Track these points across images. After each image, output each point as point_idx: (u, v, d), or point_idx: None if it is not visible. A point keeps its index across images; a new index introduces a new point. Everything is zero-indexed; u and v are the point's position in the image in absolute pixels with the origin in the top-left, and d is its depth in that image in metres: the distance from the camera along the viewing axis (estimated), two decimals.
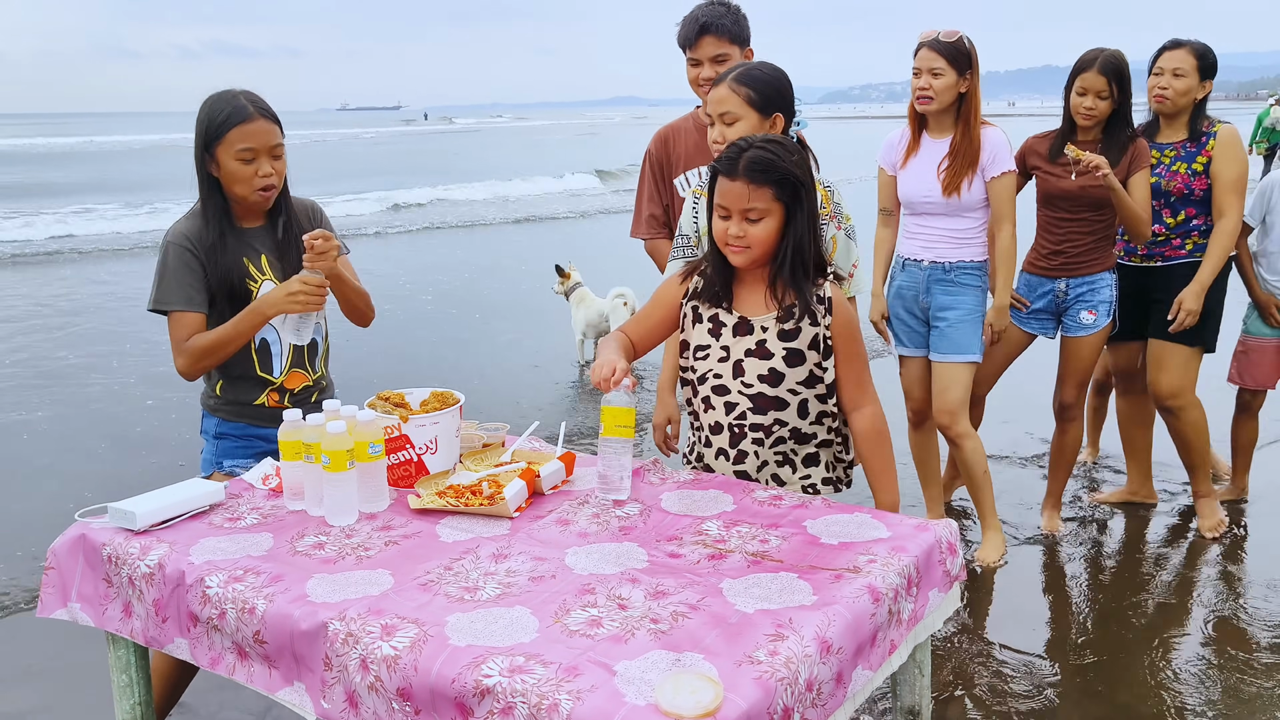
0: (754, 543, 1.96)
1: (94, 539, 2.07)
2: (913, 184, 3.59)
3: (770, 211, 2.16)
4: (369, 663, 1.62)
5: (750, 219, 2.16)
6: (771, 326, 2.25)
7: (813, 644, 1.59)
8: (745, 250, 2.19)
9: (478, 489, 2.19)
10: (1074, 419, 3.96)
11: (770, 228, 2.17)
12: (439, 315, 9.06)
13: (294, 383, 2.66)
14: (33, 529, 4.19)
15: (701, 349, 2.31)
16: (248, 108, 2.46)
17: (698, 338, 2.32)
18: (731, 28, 3.07)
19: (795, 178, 2.15)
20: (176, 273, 2.49)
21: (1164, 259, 3.78)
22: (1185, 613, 3.38)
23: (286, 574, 1.87)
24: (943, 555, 2.01)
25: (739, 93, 2.49)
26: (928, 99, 3.46)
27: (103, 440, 5.60)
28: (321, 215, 2.77)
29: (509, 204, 19.75)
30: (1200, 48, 3.70)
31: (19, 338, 8.08)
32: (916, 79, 3.48)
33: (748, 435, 2.29)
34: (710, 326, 2.30)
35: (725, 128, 2.51)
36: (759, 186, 2.13)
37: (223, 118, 2.45)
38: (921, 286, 3.63)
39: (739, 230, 2.17)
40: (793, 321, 2.23)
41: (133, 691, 2.17)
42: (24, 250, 13.46)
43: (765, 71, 2.53)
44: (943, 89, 3.41)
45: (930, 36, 3.45)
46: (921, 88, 3.46)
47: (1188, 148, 3.71)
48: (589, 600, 1.73)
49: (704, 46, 3.08)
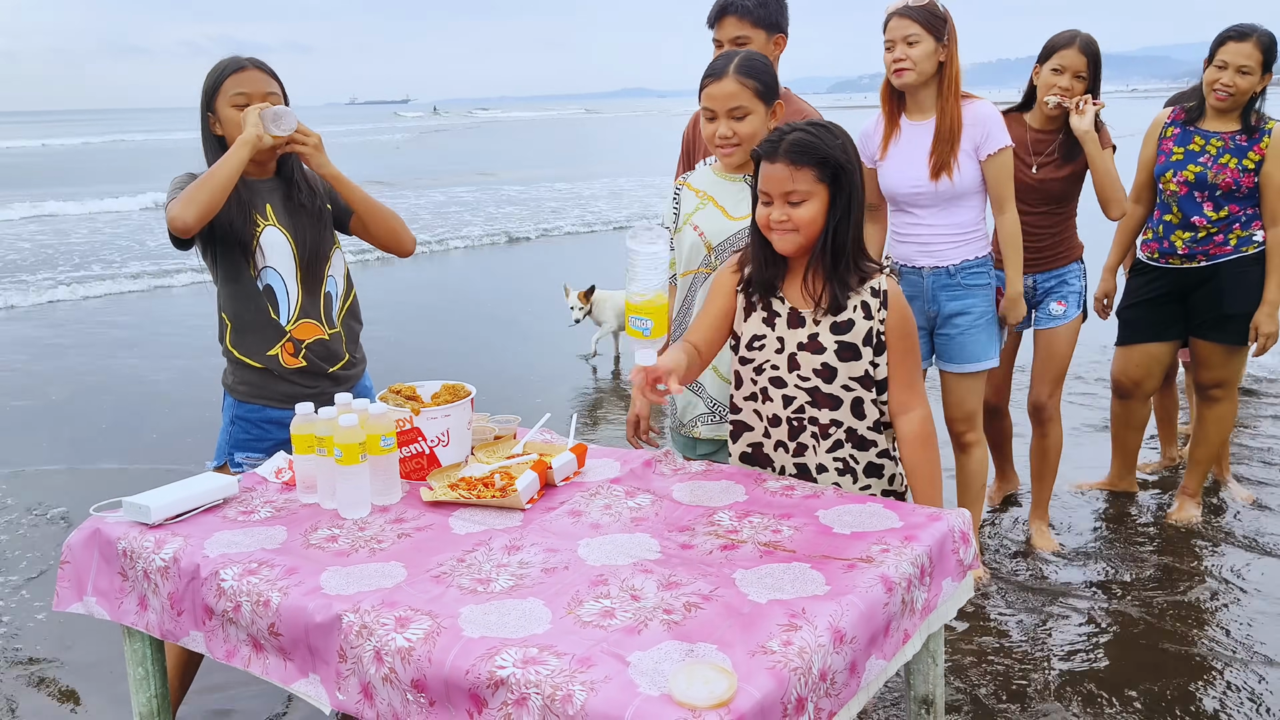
0: (766, 533, 1.96)
1: (109, 533, 2.08)
2: (896, 174, 3.25)
3: (814, 194, 2.12)
4: (383, 654, 1.62)
5: (792, 202, 2.13)
6: (824, 320, 2.20)
7: (826, 634, 1.59)
8: (791, 234, 2.15)
9: (490, 481, 2.20)
10: (1050, 419, 3.76)
11: (815, 210, 2.13)
12: (459, 309, 9.08)
13: (305, 333, 2.63)
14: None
15: (758, 338, 2.27)
16: (241, 58, 2.57)
17: (753, 327, 2.28)
18: (756, 9, 2.94)
19: (837, 160, 2.11)
20: (183, 182, 2.50)
21: (1208, 257, 3.65)
22: (1195, 604, 3.37)
23: (301, 567, 1.87)
24: (956, 544, 2.01)
25: (748, 86, 2.44)
26: (905, 69, 3.11)
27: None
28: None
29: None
30: (1267, 39, 3.50)
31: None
32: (890, 52, 3.14)
33: (806, 428, 2.25)
34: (765, 315, 2.26)
35: (734, 122, 2.47)
36: (800, 168, 2.10)
37: (218, 71, 2.55)
38: (926, 296, 3.30)
39: (781, 214, 2.14)
40: (845, 314, 2.19)
41: (149, 684, 2.19)
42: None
43: (761, 61, 2.50)
44: (921, 58, 3.08)
45: (899, 4, 3.13)
46: (897, 59, 3.12)
47: (1238, 140, 3.57)
48: (602, 591, 1.73)
49: (725, 27, 2.97)
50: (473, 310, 9.02)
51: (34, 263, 12.16)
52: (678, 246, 2.67)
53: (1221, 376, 3.81)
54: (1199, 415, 3.96)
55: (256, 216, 2.58)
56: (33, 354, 7.69)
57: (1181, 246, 3.69)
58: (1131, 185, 3.86)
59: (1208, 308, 3.71)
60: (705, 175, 2.66)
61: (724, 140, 2.50)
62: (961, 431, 3.42)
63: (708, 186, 2.63)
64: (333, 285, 2.71)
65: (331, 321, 2.69)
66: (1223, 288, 3.65)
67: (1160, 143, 3.72)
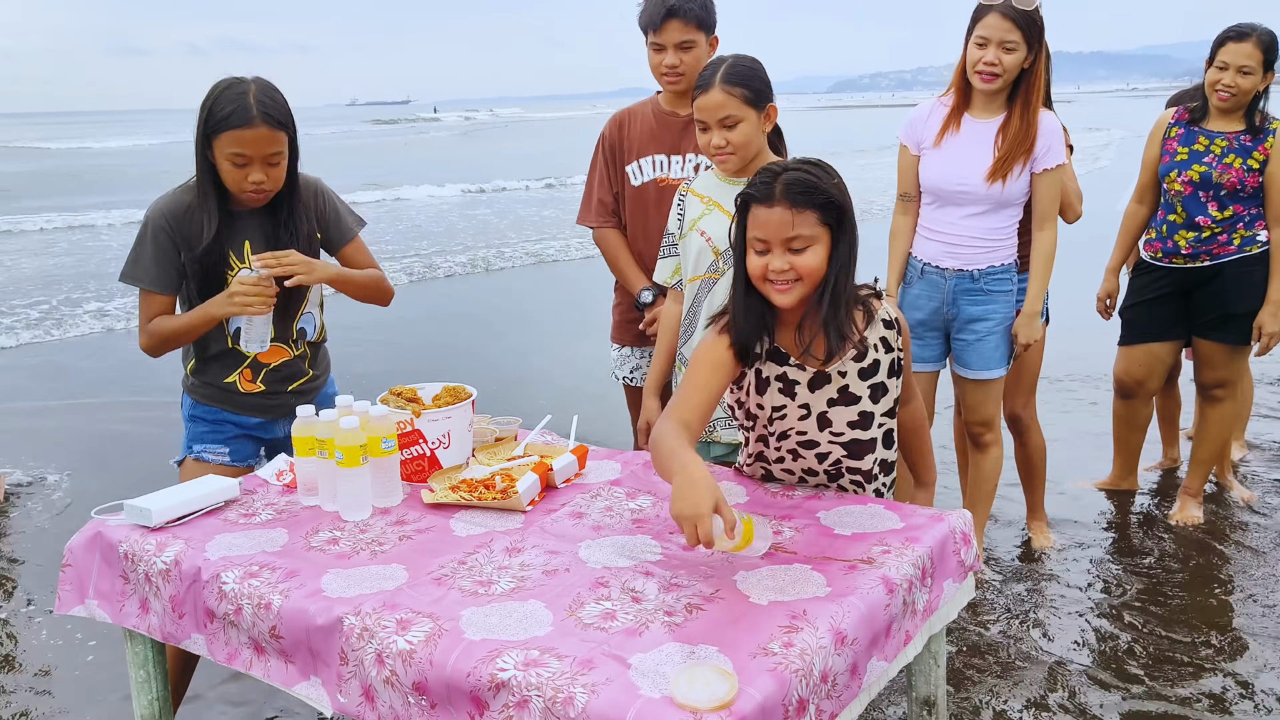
0: None
1: (110, 536, 2.09)
2: (946, 167, 3.12)
3: (817, 239, 1.92)
4: (384, 657, 1.62)
5: (794, 249, 1.92)
6: (850, 369, 2.05)
7: (827, 635, 1.59)
8: (793, 285, 1.94)
9: (491, 483, 2.20)
10: (1028, 427, 3.68)
11: (820, 256, 1.93)
12: (458, 310, 9.09)
13: (270, 357, 2.60)
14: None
15: (778, 410, 2.09)
16: (251, 110, 2.35)
17: (770, 401, 2.08)
18: (700, 12, 2.95)
19: (839, 202, 1.94)
20: (151, 251, 2.46)
21: (1212, 256, 3.64)
22: (1207, 606, 3.36)
23: (302, 569, 1.87)
24: (957, 545, 2.00)
25: (735, 94, 2.42)
26: (993, 75, 2.97)
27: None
28: (325, 195, 2.67)
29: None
30: (1267, 38, 3.47)
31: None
32: (980, 49, 2.97)
33: (845, 476, 2.16)
34: (781, 386, 2.07)
35: (726, 131, 2.46)
36: (802, 210, 1.90)
37: (222, 115, 2.35)
38: (945, 298, 3.21)
39: (783, 263, 1.92)
40: (870, 355, 2.05)
41: (150, 687, 2.19)
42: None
43: (748, 65, 2.47)
44: (1013, 65, 2.95)
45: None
46: (989, 62, 2.95)
47: (1243, 140, 3.55)
48: (603, 593, 1.73)
49: (669, 31, 2.94)
50: (474, 311, 9.03)
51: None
52: (684, 252, 2.67)
53: (1224, 376, 3.81)
54: (1201, 415, 3.96)
55: (233, 259, 2.51)
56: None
57: (1185, 246, 3.68)
58: (1135, 185, 3.86)
59: (1211, 307, 3.70)
60: (709, 180, 2.66)
61: (718, 149, 2.50)
62: (979, 433, 3.38)
63: (712, 191, 2.62)
64: (308, 320, 2.67)
65: (299, 345, 2.66)
66: (1226, 287, 3.65)
67: (1164, 143, 3.72)
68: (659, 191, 3.12)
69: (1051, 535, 3.83)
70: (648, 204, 3.14)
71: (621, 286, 3.29)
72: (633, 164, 3.15)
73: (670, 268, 2.75)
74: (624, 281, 3.23)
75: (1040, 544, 3.79)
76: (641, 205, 3.16)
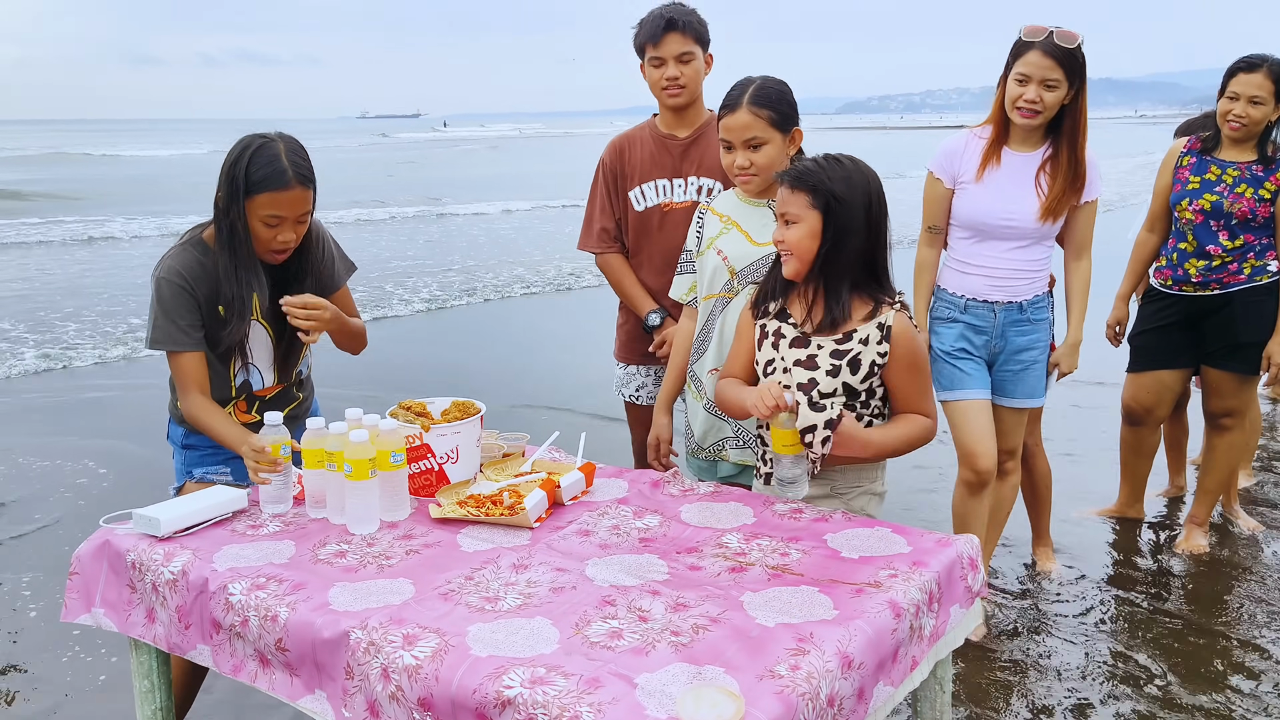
0: (774, 556, 1.96)
1: (118, 545, 2.09)
2: (990, 203, 3.06)
3: (804, 218, 2.21)
4: (390, 672, 1.62)
5: (787, 222, 2.23)
6: (827, 345, 2.24)
7: (834, 659, 1.59)
8: (789, 257, 2.25)
9: (498, 499, 2.20)
10: (1035, 453, 3.64)
11: (803, 233, 2.21)
12: (467, 323, 9.10)
13: (266, 391, 2.62)
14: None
15: (770, 363, 2.31)
16: (287, 173, 2.33)
17: (765, 354, 2.33)
18: (697, 26, 2.99)
19: (830, 191, 2.18)
20: (171, 311, 2.41)
21: (1222, 285, 3.65)
22: (1210, 635, 3.35)
23: (309, 582, 1.88)
24: (964, 571, 2.00)
25: (762, 115, 2.45)
26: (1035, 113, 2.93)
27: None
28: (325, 242, 2.64)
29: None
30: (1277, 69, 3.47)
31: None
32: (1021, 86, 2.93)
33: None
34: (773, 340, 2.32)
35: (751, 152, 2.48)
36: (795, 191, 2.22)
37: (259, 177, 2.32)
38: (995, 331, 3.15)
39: (780, 235, 2.25)
40: (850, 343, 2.22)
41: (154, 697, 2.19)
42: None
43: (776, 88, 2.50)
44: (1054, 103, 2.91)
45: (1040, 35, 2.89)
46: (1030, 100, 2.92)
47: (1254, 170, 3.56)
48: (609, 612, 1.73)
49: (669, 43, 2.97)
50: (485, 327, 9.05)
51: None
52: (700, 270, 2.67)
53: (1232, 405, 3.80)
54: (1209, 444, 3.95)
55: (256, 304, 2.49)
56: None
57: (1195, 274, 3.69)
58: (1146, 213, 3.87)
59: (1220, 336, 3.70)
60: (730, 200, 2.67)
61: (742, 170, 2.51)
62: (1003, 460, 3.32)
63: (732, 211, 2.63)
64: (304, 363, 2.72)
65: (289, 376, 2.67)
66: (1235, 316, 3.65)
67: (1176, 171, 3.73)
68: (662, 216, 3.13)
69: (1056, 561, 3.82)
70: (651, 229, 3.15)
71: (624, 309, 3.31)
72: (635, 190, 3.17)
73: (686, 284, 2.75)
74: (630, 305, 3.23)
75: (1045, 569, 3.78)
76: (645, 230, 3.17)
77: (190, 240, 2.48)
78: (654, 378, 3.29)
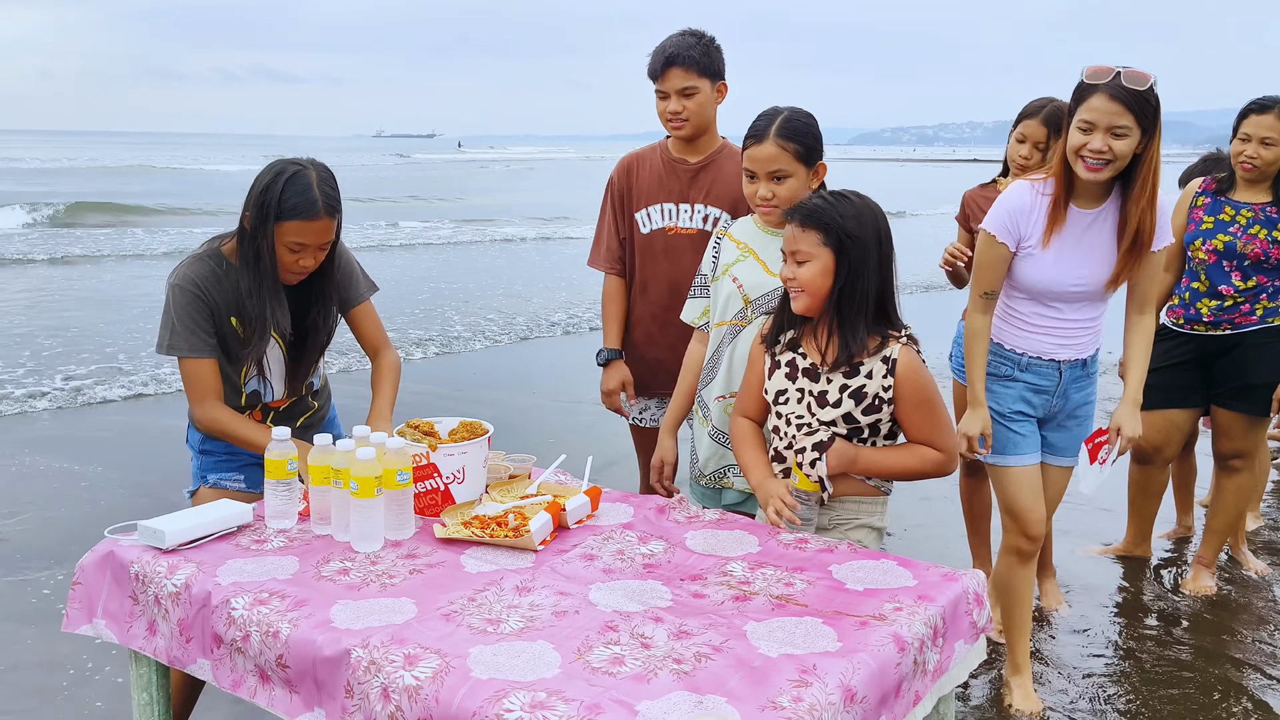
0: (779, 585, 1.95)
1: (122, 556, 2.09)
2: (1059, 269, 2.74)
3: (815, 256, 2.22)
4: (390, 692, 1.61)
5: (798, 261, 2.24)
6: (836, 380, 2.27)
7: (837, 692, 1.57)
8: (799, 294, 2.26)
9: (503, 520, 2.19)
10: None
11: (815, 271, 2.22)
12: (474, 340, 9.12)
13: (280, 402, 2.66)
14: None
15: (782, 393, 2.33)
16: (317, 204, 2.36)
17: (777, 384, 2.35)
18: (701, 59, 2.97)
19: (842, 229, 2.20)
20: (184, 318, 2.44)
21: (1233, 326, 3.65)
22: (1216, 676, 3.31)
23: (311, 599, 1.87)
24: (969, 606, 1.99)
25: (788, 149, 2.46)
26: (1103, 164, 2.57)
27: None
28: (344, 259, 2.65)
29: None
30: None
31: None
32: (1085, 135, 2.56)
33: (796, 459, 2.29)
34: (787, 371, 2.33)
35: (774, 184, 2.49)
36: (806, 230, 2.23)
37: (289, 205, 2.35)
38: (1058, 390, 2.90)
39: (790, 273, 2.27)
40: (858, 377, 2.25)
41: (153, 710, 2.18)
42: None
43: (804, 121, 2.50)
44: (1125, 152, 2.54)
45: (1105, 76, 2.54)
46: (1096, 151, 2.55)
47: (1269, 212, 3.56)
48: (612, 637, 1.72)
49: (671, 78, 2.98)
50: (491, 345, 9.06)
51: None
52: (714, 296, 2.68)
53: (1242, 446, 3.79)
54: (1217, 485, 3.92)
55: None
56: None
57: (1207, 314, 3.68)
58: None
59: (1231, 376, 3.69)
60: (748, 227, 2.67)
61: (764, 201, 2.51)
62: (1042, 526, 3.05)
63: (749, 239, 2.64)
64: (316, 376, 2.76)
65: (300, 389, 2.71)
66: (1247, 357, 3.64)
67: (1191, 211, 3.74)
68: (666, 240, 3.14)
69: (1062, 596, 3.79)
70: (656, 252, 3.16)
71: (627, 333, 3.33)
72: (641, 211, 3.18)
73: (699, 308, 2.76)
74: (604, 328, 3.30)
75: (1051, 604, 3.75)
76: (650, 253, 3.18)
77: (208, 252, 2.51)
78: (657, 401, 3.30)
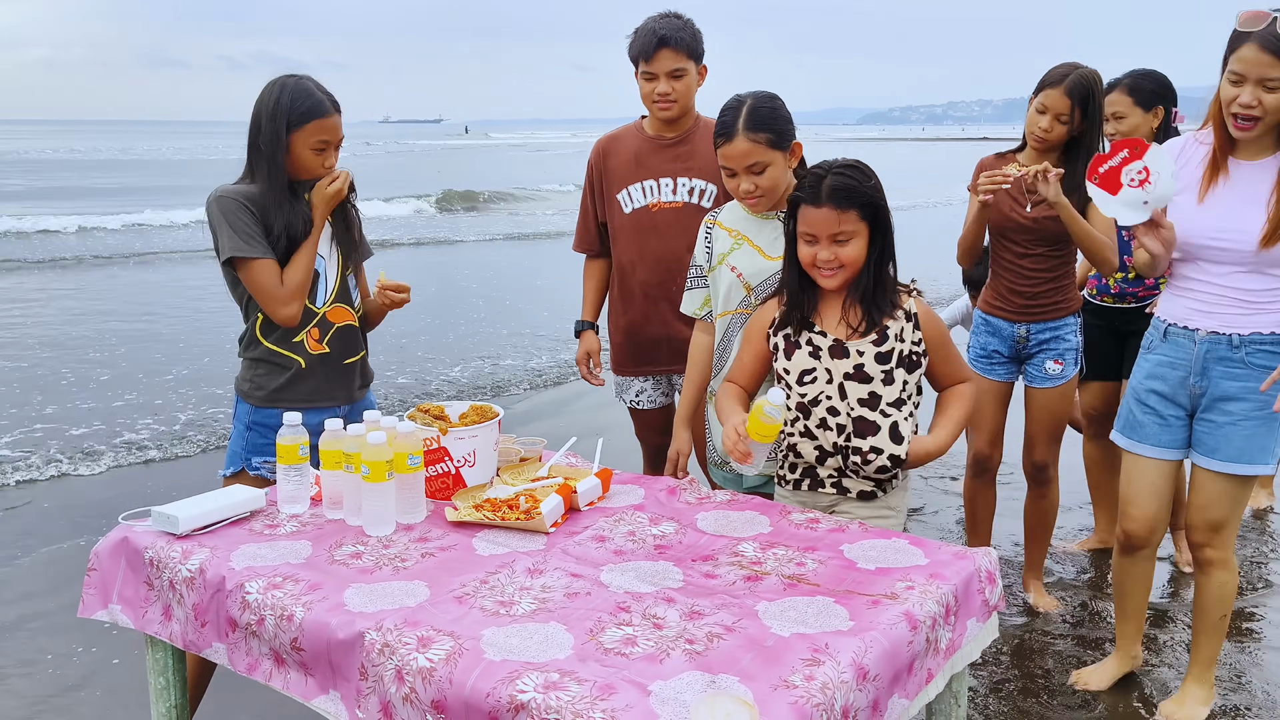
0: (790, 565, 1.95)
1: (136, 542, 2.10)
2: (1211, 221, 2.53)
3: (857, 233, 2.25)
4: (404, 674, 1.62)
5: (839, 241, 2.25)
6: (868, 350, 2.28)
7: (849, 670, 1.58)
8: (838, 271, 2.27)
9: (514, 503, 2.20)
10: (1050, 479, 3.48)
11: (859, 247, 2.26)
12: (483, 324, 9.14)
13: (337, 317, 2.69)
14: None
15: (808, 373, 2.32)
16: (326, 103, 2.56)
17: (800, 363, 2.33)
18: (689, 41, 3.00)
19: (876, 201, 2.25)
20: (237, 224, 2.51)
21: (1137, 299, 3.62)
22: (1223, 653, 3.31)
23: (325, 582, 1.88)
24: (982, 584, 1.99)
25: (759, 140, 2.39)
26: (1251, 121, 2.42)
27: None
28: (356, 207, 2.80)
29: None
30: (1130, 83, 3.50)
31: None
32: (1235, 87, 2.41)
33: (850, 457, 2.30)
34: (810, 350, 2.33)
35: (755, 177, 2.44)
36: (845, 211, 2.23)
37: (305, 108, 2.53)
38: (1194, 365, 2.61)
39: (829, 254, 2.25)
40: (888, 343, 2.28)
41: (169, 694, 2.20)
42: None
43: (769, 107, 2.42)
44: (1276, 107, 2.38)
45: (1260, 23, 2.35)
46: (1245, 105, 2.39)
47: None
48: (624, 618, 1.73)
49: (661, 60, 2.99)
50: (504, 329, 9.08)
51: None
52: (714, 286, 2.65)
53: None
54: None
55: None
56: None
57: (1113, 286, 3.67)
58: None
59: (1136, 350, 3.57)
60: (736, 213, 2.62)
61: (748, 194, 2.47)
62: (1200, 544, 2.74)
63: (741, 225, 2.60)
64: (351, 283, 2.76)
65: (355, 305, 2.75)
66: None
67: None
68: (651, 217, 3.15)
69: (1053, 598, 3.65)
70: (641, 230, 3.17)
71: (614, 317, 3.35)
72: (622, 192, 3.19)
73: (698, 299, 2.73)
74: (583, 302, 3.41)
75: (1043, 605, 3.60)
76: (635, 231, 3.18)
77: (238, 182, 2.61)
78: (651, 383, 3.33)
